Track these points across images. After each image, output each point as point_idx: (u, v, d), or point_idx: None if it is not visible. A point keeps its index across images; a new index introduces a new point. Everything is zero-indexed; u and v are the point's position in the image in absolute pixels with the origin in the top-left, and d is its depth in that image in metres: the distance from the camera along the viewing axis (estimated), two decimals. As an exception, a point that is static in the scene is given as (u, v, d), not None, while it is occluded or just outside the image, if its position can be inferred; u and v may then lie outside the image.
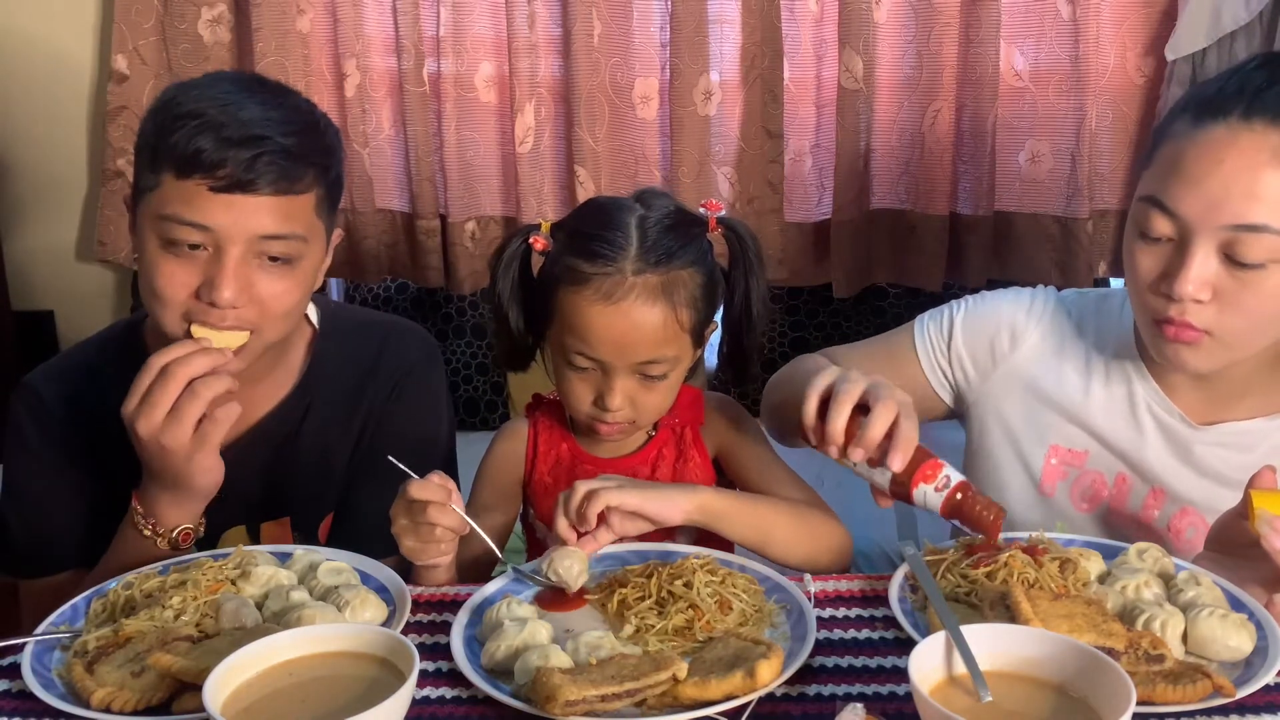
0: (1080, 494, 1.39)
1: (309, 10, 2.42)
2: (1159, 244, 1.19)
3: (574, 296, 1.29)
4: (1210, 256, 1.16)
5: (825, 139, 2.42)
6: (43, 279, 2.68)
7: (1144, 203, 1.20)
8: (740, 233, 1.37)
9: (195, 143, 1.23)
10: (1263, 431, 1.30)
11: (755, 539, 1.28)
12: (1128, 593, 1.10)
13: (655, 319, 1.28)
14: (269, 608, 1.12)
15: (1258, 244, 1.13)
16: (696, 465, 1.41)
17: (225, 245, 1.26)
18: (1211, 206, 1.14)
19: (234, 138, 1.24)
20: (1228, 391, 1.30)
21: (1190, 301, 1.17)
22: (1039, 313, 1.43)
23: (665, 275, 1.28)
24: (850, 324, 2.61)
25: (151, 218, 1.27)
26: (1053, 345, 1.41)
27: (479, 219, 2.51)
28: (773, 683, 0.97)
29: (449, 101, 2.41)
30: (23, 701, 1.02)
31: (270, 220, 1.27)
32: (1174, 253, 1.18)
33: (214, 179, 1.24)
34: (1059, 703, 0.88)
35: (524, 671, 1.00)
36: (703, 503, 1.25)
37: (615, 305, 1.27)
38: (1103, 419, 1.37)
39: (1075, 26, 2.25)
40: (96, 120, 2.56)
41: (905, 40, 2.33)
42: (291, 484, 1.45)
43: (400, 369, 1.50)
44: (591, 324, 1.28)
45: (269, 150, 1.25)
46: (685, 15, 2.31)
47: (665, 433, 1.43)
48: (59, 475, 1.45)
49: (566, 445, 1.45)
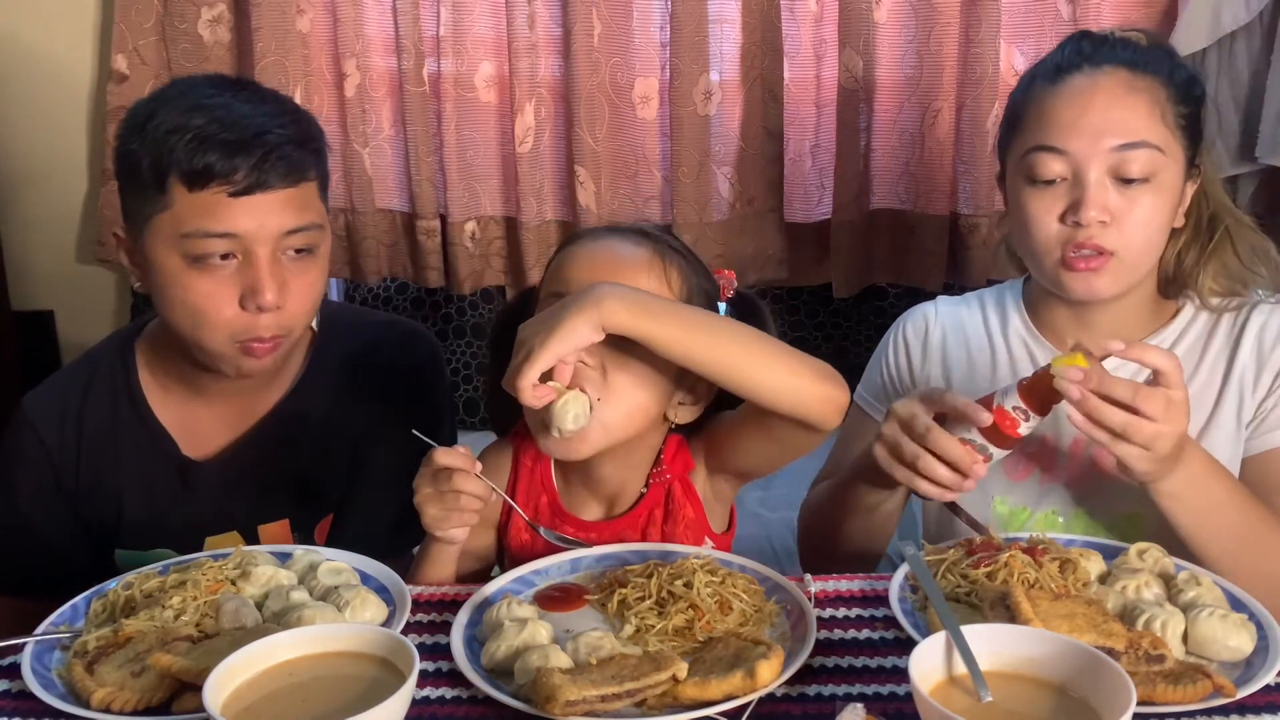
0: (1010, 468, 1.43)
1: (309, 10, 2.41)
2: (1053, 185, 1.33)
3: None
4: (1104, 180, 1.31)
5: (825, 139, 2.41)
6: (43, 279, 2.68)
7: (1032, 153, 1.34)
8: (754, 304, 1.37)
9: (202, 153, 1.23)
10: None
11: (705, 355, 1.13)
12: (1128, 593, 1.10)
13: None
14: (269, 608, 1.12)
15: (1140, 159, 1.30)
16: (688, 522, 1.33)
17: (254, 248, 1.26)
18: (1096, 135, 1.30)
19: (239, 140, 1.24)
20: (1109, 327, 1.40)
21: (1096, 225, 1.30)
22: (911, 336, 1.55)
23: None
24: (850, 324, 2.61)
25: (170, 238, 1.26)
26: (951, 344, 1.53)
27: (479, 219, 2.51)
28: (773, 683, 0.97)
29: (449, 101, 2.41)
30: (23, 701, 1.02)
31: (290, 215, 1.28)
32: (1070, 189, 1.32)
33: (231, 184, 1.24)
34: (1059, 703, 0.88)
35: (524, 671, 1.00)
36: (610, 312, 1.10)
37: None
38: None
39: (1075, 26, 2.25)
40: (96, 120, 2.56)
41: (905, 40, 2.33)
42: (290, 486, 1.45)
43: (402, 370, 1.50)
44: None
45: (275, 145, 1.26)
46: (685, 15, 2.31)
47: (656, 491, 1.34)
48: (37, 505, 1.45)
49: (547, 499, 1.36)
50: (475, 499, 1.19)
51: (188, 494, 1.45)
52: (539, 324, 1.13)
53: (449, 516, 1.20)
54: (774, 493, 2.31)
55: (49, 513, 1.45)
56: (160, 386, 1.45)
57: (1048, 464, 1.43)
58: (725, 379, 1.15)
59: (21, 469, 1.45)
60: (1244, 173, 2.18)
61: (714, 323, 1.20)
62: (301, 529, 1.47)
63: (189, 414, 1.45)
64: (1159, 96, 1.33)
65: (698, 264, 1.34)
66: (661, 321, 1.12)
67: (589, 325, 1.10)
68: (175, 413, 1.45)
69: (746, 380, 1.15)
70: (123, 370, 1.45)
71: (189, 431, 1.45)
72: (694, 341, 1.13)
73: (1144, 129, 1.31)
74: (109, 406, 1.44)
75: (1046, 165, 1.33)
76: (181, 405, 1.45)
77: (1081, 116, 1.31)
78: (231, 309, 1.28)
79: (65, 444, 1.44)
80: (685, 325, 1.14)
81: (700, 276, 1.32)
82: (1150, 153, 1.31)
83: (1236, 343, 1.41)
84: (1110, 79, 1.33)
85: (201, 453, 1.46)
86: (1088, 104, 1.32)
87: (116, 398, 1.44)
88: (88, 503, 1.45)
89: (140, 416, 1.44)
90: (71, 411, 1.45)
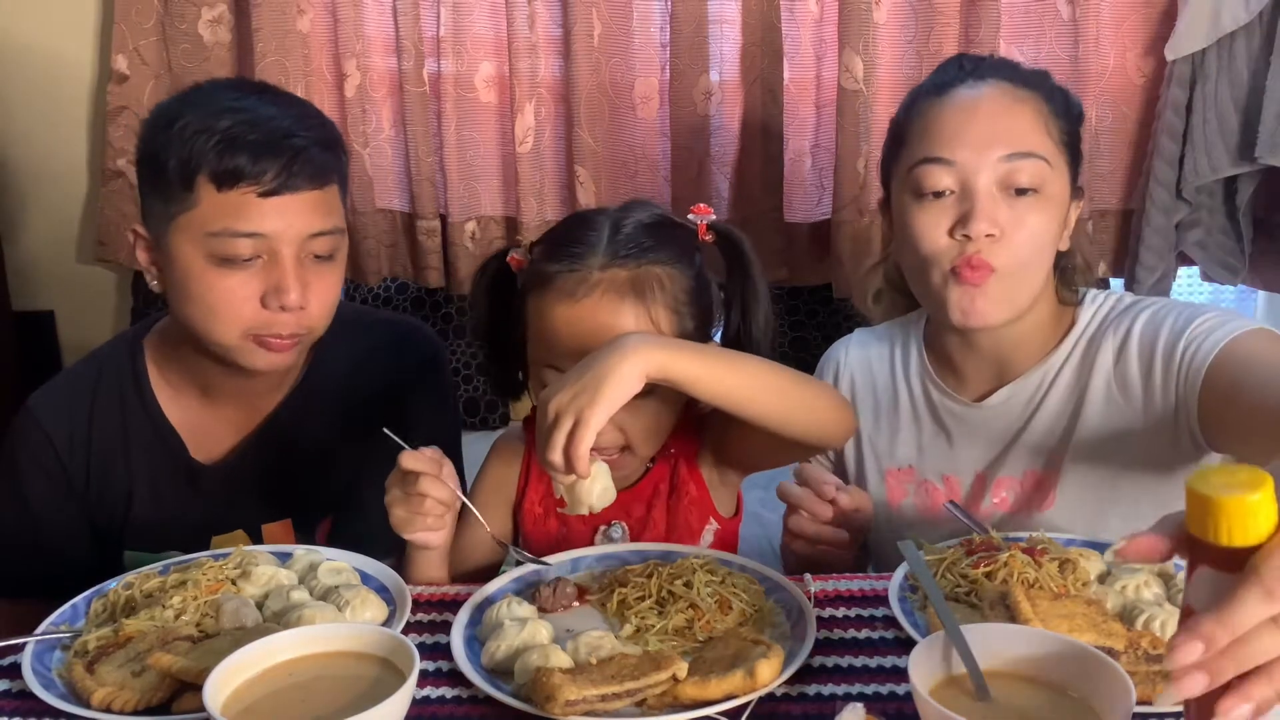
0: (922, 505, 1.45)
1: (309, 10, 2.41)
2: (941, 199, 1.30)
3: (540, 300, 1.24)
4: (992, 190, 1.28)
5: (825, 139, 2.41)
6: (43, 279, 2.68)
7: (920, 166, 1.30)
8: (733, 237, 1.33)
9: (232, 154, 1.24)
10: (1036, 379, 1.38)
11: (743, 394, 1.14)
12: (1128, 592, 1.10)
13: (626, 318, 1.20)
14: (269, 608, 1.13)
15: (1028, 169, 1.28)
16: (691, 499, 1.34)
17: (279, 248, 1.27)
18: (984, 145, 1.28)
19: (267, 141, 1.25)
20: (1005, 358, 1.39)
21: (984, 240, 1.27)
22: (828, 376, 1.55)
23: (636, 270, 1.22)
24: (850, 324, 2.61)
25: (196, 237, 1.27)
26: (860, 383, 1.52)
27: (479, 219, 2.51)
28: (773, 682, 0.97)
29: (449, 101, 2.41)
30: (23, 701, 1.02)
31: (316, 217, 1.29)
32: (959, 202, 1.29)
33: (260, 185, 1.25)
34: (1059, 703, 0.88)
35: (524, 671, 1.00)
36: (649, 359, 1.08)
37: (580, 304, 1.20)
38: (912, 430, 1.47)
39: (1075, 26, 2.25)
40: (96, 120, 2.56)
41: (905, 40, 2.33)
42: (293, 485, 1.46)
43: (406, 369, 1.50)
44: (557, 328, 1.22)
45: (303, 148, 1.27)
46: (685, 15, 2.31)
47: (661, 467, 1.35)
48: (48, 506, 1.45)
49: None
50: (439, 504, 1.19)
51: (195, 496, 1.45)
52: (572, 391, 1.07)
53: (413, 520, 1.20)
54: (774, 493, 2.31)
55: (60, 514, 1.45)
56: (170, 387, 1.45)
57: None
58: (756, 412, 1.16)
59: (31, 470, 1.45)
60: (1244, 173, 2.18)
61: (744, 359, 1.19)
62: (303, 528, 1.47)
63: (197, 416, 1.45)
64: (1042, 110, 1.31)
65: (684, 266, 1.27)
66: (696, 361, 1.11)
67: (635, 376, 1.07)
68: (184, 415, 1.45)
69: (778, 412, 1.17)
70: (131, 371, 1.45)
71: (197, 434, 1.45)
72: (728, 380, 1.14)
73: (1031, 140, 1.29)
74: (118, 407, 1.45)
75: (934, 177, 1.29)
76: (190, 407, 1.45)
77: (968, 126, 1.29)
78: (252, 307, 1.29)
79: (75, 444, 1.44)
80: (718, 364, 1.13)
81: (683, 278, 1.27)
82: (1038, 163, 1.28)
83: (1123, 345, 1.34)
84: (995, 89, 1.31)
85: (209, 456, 1.46)
86: (973, 114, 1.30)
87: (125, 399, 1.45)
88: (97, 503, 1.45)
89: (150, 418, 1.44)
90: (80, 411, 1.45)
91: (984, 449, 1.42)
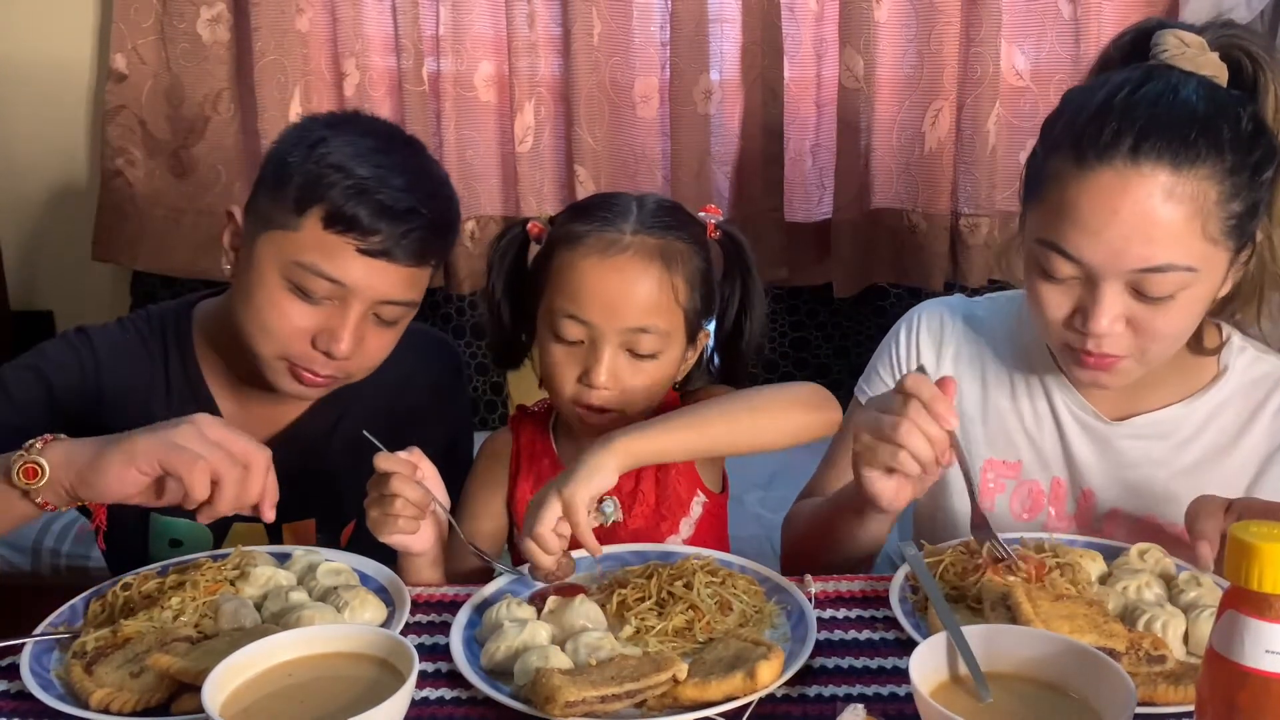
0: (1020, 504, 1.40)
1: (308, 9, 2.41)
2: (1064, 282, 1.19)
3: (569, 254, 1.28)
4: (1119, 294, 1.16)
5: (825, 139, 2.42)
6: (43, 279, 2.68)
7: (1043, 246, 1.18)
8: (736, 238, 1.37)
9: (355, 203, 1.25)
10: (1176, 419, 1.32)
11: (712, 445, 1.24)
12: (1129, 593, 1.10)
13: (651, 280, 1.26)
14: (268, 608, 1.12)
15: (1164, 281, 1.14)
16: (679, 470, 1.36)
17: (352, 301, 1.28)
18: (1114, 255, 1.14)
19: (391, 207, 1.26)
20: (1141, 384, 1.29)
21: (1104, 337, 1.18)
22: (925, 335, 1.43)
23: (664, 241, 1.28)
24: (850, 324, 2.61)
25: (283, 258, 1.27)
26: (966, 358, 1.42)
27: (479, 218, 2.51)
28: (773, 684, 0.97)
29: (448, 101, 2.41)
30: (22, 702, 1.02)
31: (398, 288, 1.30)
32: (1082, 289, 1.18)
33: (364, 242, 1.26)
34: (1060, 704, 0.88)
35: (524, 672, 0.99)
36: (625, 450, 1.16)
37: (611, 260, 1.26)
38: (1031, 426, 1.38)
39: (1076, 26, 2.25)
40: (96, 120, 2.56)
41: (905, 40, 2.33)
42: (319, 488, 1.45)
43: (432, 378, 1.52)
44: (585, 280, 1.26)
45: (419, 226, 1.28)
46: (685, 15, 2.31)
47: None
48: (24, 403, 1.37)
49: (548, 460, 1.40)
50: (409, 504, 1.19)
51: None
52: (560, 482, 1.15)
53: (385, 520, 1.20)
54: (774, 493, 2.31)
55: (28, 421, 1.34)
56: (213, 364, 1.45)
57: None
58: (733, 451, 1.25)
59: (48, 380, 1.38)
60: (1245, 172, 2.18)
61: (703, 415, 1.24)
62: (327, 530, 1.47)
63: (233, 402, 1.45)
64: (1204, 203, 1.12)
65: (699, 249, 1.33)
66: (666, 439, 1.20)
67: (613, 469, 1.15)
68: (222, 395, 1.45)
69: (751, 444, 1.25)
70: (177, 342, 1.44)
71: (234, 420, 1.44)
72: (695, 439, 1.22)
73: (1175, 251, 1.13)
74: (162, 368, 1.43)
75: (1057, 266, 1.17)
76: (226, 392, 1.45)
77: (1103, 229, 1.13)
78: (302, 341, 1.30)
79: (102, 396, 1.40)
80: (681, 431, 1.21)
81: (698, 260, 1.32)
82: (1179, 275, 1.13)
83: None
84: (1144, 183, 1.11)
85: None
86: (1111, 215, 1.12)
87: (170, 363, 1.44)
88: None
89: (191, 383, 1.43)
90: (132, 355, 1.42)
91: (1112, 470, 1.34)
